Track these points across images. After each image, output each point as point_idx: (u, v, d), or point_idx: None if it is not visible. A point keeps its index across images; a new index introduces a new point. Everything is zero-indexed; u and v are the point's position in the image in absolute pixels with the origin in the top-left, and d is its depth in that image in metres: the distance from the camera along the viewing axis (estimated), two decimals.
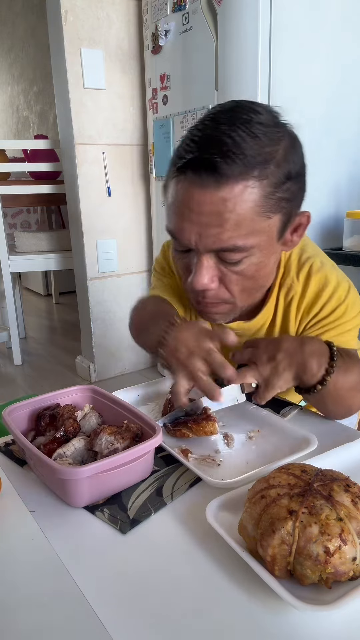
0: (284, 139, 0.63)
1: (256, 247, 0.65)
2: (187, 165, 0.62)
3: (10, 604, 0.44)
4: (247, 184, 0.60)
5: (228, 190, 0.60)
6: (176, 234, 0.67)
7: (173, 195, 0.66)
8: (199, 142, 0.61)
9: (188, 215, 0.63)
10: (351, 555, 0.42)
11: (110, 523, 0.53)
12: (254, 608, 0.42)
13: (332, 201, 1.78)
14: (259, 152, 0.60)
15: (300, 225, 0.71)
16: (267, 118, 0.62)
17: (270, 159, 0.61)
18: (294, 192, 0.65)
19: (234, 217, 0.61)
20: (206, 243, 0.64)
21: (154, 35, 1.98)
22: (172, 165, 0.66)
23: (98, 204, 2.29)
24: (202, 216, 0.62)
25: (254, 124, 0.60)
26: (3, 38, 4.61)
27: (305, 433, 0.66)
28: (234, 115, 0.61)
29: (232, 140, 0.59)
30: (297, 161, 0.65)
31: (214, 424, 0.66)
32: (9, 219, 4.01)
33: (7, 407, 0.66)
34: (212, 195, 0.61)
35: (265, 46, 1.50)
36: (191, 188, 0.62)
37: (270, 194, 0.62)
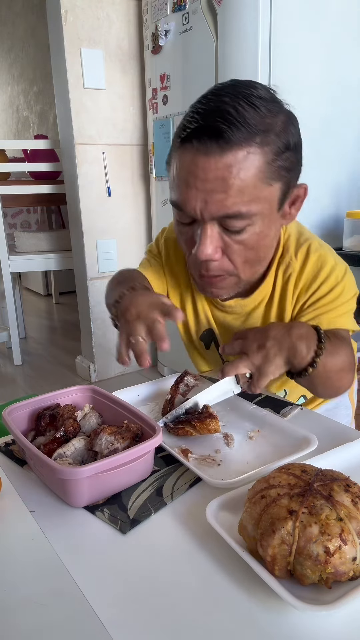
0: (281, 112, 0.66)
1: (258, 215, 0.67)
2: (192, 135, 0.64)
3: (10, 604, 0.44)
4: (249, 150, 0.63)
5: (232, 156, 0.62)
6: (181, 204, 0.68)
7: (178, 166, 0.67)
8: (202, 113, 0.63)
9: (193, 182, 0.65)
10: (351, 555, 0.42)
11: (110, 523, 0.53)
12: (254, 608, 0.42)
13: (332, 201, 1.78)
14: (260, 121, 0.63)
15: (298, 198, 0.73)
16: (265, 93, 0.66)
17: (270, 128, 0.64)
18: (292, 162, 0.68)
19: (237, 182, 0.63)
20: (211, 210, 0.66)
21: (154, 35, 1.98)
22: (176, 137, 0.68)
23: (98, 204, 2.29)
24: (207, 183, 0.64)
25: (255, 98, 0.63)
26: (3, 38, 4.61)
27: (305, 433, 0.66)
28: (236, 90, 0.64)
29: (235, 110, 0.62)
30: (295, 133, 0.68)
31: (217, 422, 0.67)
32: (9, 219, 4.01)
33: (7, 407, 0.66)
34: (216, 162, 0.63)
35: (265, 46, 1.50)
36: (196, 156, 0.64)
37: (272, 161, 0.65)
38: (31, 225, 4.17)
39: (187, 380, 0.77)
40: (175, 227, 0.75)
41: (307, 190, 0.73)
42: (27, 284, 4.69)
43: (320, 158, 1.69)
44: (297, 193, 0.73)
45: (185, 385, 0.77)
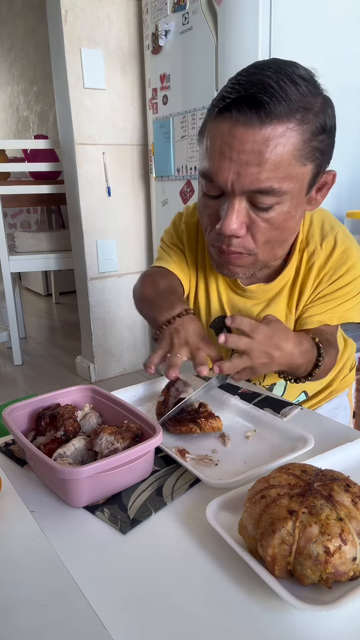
0: (320, 94, 0.66)
1: (288, 194, 0.67)
2: (232, 104, 0.62)
3: (10, 604, 0.44)
4: (289, 126, 0.62)
5: (271, 130, 0.62)
6: (213, 175, 0.67)
7: (213, 134, 0.66)
8: (244, 85, 0.62)
9: (229, 153, 0.64)
10: (351, 555, 0.42)
11: (110, 523, 0.53)
12: (254, 608, 0.42)
13: (332, 201, 1.78)
14: (301, 99, 0.62)
15: (325, 185, 0.73)
16: (306, 74, 0.65)
17: (310, 107, 0.63)
18: (326, 145, 0.68)
19: (273, 157, 0.63)
20: (243, 183, 0.65)
21: (154, 35, 1.98)
22: (213, 107, 0.66)
23: (98, 204, 2.29)
24: (242, 154, 0.63)
25: (296, 76, 0.63)
26: (3, 38, 4.61)
27: (302, 432, 0.66)
28: (278, 66, 0.63)
29: (278, 84, 0.61)
30: (332, 116, 0.67)
31: (220, 420, 0.68)
32: (9, 219, 4.01)
33: (7, 407, 0.66)
34: (254, 134, 0.62)
35: (265, 46, 1.50)
36: (234, 126, 0.63)
37: (309, 140, 0.64)
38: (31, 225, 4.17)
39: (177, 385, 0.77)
40: (200, 201, 0.74)
41: (335, 177, 0.73)
42: (27, 284, 4.69)
43: None
44: (325, 179, 0.72)
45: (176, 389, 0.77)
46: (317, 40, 1.60)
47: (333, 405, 1.00)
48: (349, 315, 0.82)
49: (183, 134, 1.92)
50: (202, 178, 0.70)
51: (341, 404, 1.02)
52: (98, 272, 2.37)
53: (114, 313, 2.47)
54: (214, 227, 0.71)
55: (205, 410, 0.70)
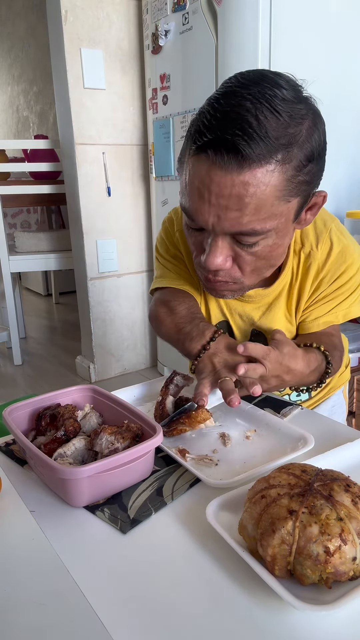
0: (307, 117, 0.61)
1: (273, 230, 0.65)
2: (209, 145, 0.59)
3: (10, 604, 0.44)
4: (269, 168, 0.59)
5: (250, 174, 0.58)
6: (193, 215, 0.65)
7: (191, 174, 0.63)
8: (221, 120, 0.58)
9: (207, 196, 0.61)
10: (351, 555, 0.42)
11: (110, 523, 0.53)
12: (254, 608, 0.42)
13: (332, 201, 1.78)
14: (283, 133, 0.58)
15: (315, 205, 0.70)
16: (290, 94, 0.60)
17: (294, 141, 0.59)
18: (314, 174, 0.64)
19: (254, 201, 0.60)
20: (224, 226, 0.63)
21: (154, 35, 1.98)
22: (191, 141, 0.62)
23: (98, 204, 2.29)
24: (221, 199, 0.60)
25: (278, 102, 0.58)
26: (3, 38, 4.61)
27: (302, 432, 0.66)
28: (258, 91, 0.58)
29: (257, 120, 0.57)
30: (319, 140, 0.63)
31: (204, 411, 0.67)
32: (9, 219, 4.01)
33: (7, 407, 0.66)
34: (233, 179, 0.59)
35: (265, 46, 1.50)
36: (212, 169, 0.59)
37: (292, 177, 0.61)
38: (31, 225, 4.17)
39: (176, 380, 0.76)
40: (184, 229, 0.73)
41: (325, 197, 0.70)
42: (27, 284, 4.69)
43: None
44: (315, 201, 0.69)
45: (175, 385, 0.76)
46: (316, 40, 1.60)
47: (330, 404, 1.01)
48: (353, 311, 0.82)
49: (183, 134, 1.92)
50: (183, 212, 0.68)
51: (338, 401, 1.03)
52: (98, 272, 2.37)
53: (114, 313, 2.47)
54: (199, 255, 0.70)
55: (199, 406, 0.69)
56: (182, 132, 1.93)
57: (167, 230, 0.93)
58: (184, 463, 0.61)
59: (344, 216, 1.70)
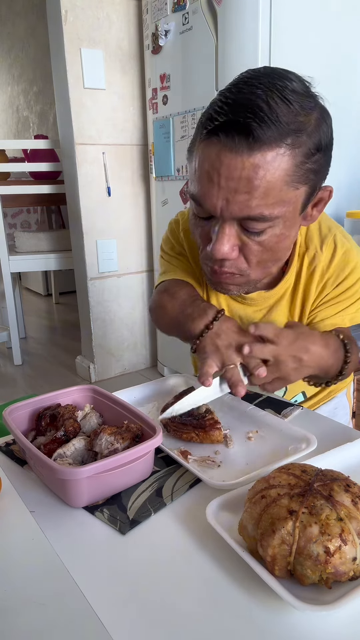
0: (315, 109, 0.62)
1: (281, 218, 0.64)
2: (220, 128, 0.59)
3: (10, 604, 0.44)
4: (279, 152, 0.59)
5: (260, 156, 0.59)
6: (201, 200, 0.65)
7: (201, 158, 0.63)
8: (232, 105, 0.59)
9: (217, 179, 0.61)
10: (351, 555, 0.42)
11: (109, 523, 0.53)
12: (254, 608, 0.42)
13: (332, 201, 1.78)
14: (293, 119, 0.59)
15: (322, 201, 0.71)
16: (300, 87, 0.61)
17: (303, 128, 0.60)
18: (321, 165, 0.65)
19: (264, 184, 0.60)
20: (232, 210, 0.63)
21: (154, 35, 1.98)
22: (202, 127, 0.63)
23: (98, 204, 2.29)
24: (231, 181, 0.60)
25: (289, 92, 0.59)
26: (3, 38, 4.61)
27: (305, 433, 0.66)
28: (269, 81, 0.59)
29: (268, 105, 0.58)
30: (328, 133, 0.64)
31: (221, 433, 0.67)
32: (9, 219, 4.01)
33: (7, 407, 0.66)
34: (243, 161, 0.59)
35: (265, 46, 1.50)
36: (222, 151, 0.60)
37: (301, 163, 0.61)
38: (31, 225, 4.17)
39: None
40: (191, 219, 0.72)
41: (332, 192, 0.70)
42: (27, 284, 4.69)
43: None
44: (321, 195, 0.70)
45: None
46: (317, 40, 1.60)
47: (332, 405, 1.00)
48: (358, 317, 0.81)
49: (183, 134, 1.92)
50: (192, 200, 0.68)
51: (340, 403, 1.02)
52: (98, 272, 2.37)
53: (114, 313, 2.47)
54: (205, 247, 0.70)
55: (211, 417, 0.69)
56: (182, 132, 1.93)
57: (173, 229, 0.94)
58: (187, 465, 0.61)
59: (344, 216, 1.70)
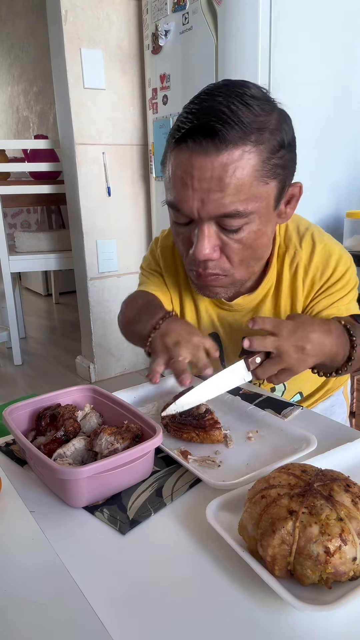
0: (274, 111, 0.67)
1: (255, 214, 0.68)
2: (187, 134, 0.64)
3: (10, 604, 0.44)
4: (245, 149, 0.63)
5: (227, 155, 0.63)
6: (178, 204, 0.68)
7: (174, 166, 0.67)
8: (197, 113, 0.64)
9: (190, 182, 0.65)
10: (351, 555, 0.42)
11: (109, 523, 0.53)
12: (254, 608, 0.42)
13: (332, 201, 1.78)
14: (254, 120, 0.63)
15: (293, 197, 0.74)
16: (258, 93, 0.66)
17: (265, 127, 0.64)
18: (287, 160, 0.68)
19: (234, 181, 0.64)
20: (208, 209, 0.66)
21: (154, 35, 1.98)
22: (171, 138, 0.68)
23: (98, 204, 2.29)
24: (203, 182, 0.64)
25: (247, 97, 0.64)
26: (3, 38, 4.61)
27: (305, 433, 0.66)
28: (228, 89, 0.64)
29: (229, 109, 0.62)
30: (289, 132, 0.68)
31: (221, 433, 0.67)
32: (9, 219, 4.01)
33: (7, 407, 0.66)
34: (212, 161, 0.63)
35: (265, 46, 1.50)
36: (192, 156, 0.64)
37: (267, 159, 0.65)
38: (31, 225, 4.17)
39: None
40: (172, 228, 0.76)
41: (302, 188, 0.74)
42: (27, 284, 4.69)
43: (320, 158, 1.69)
44: (292, 192, 0.73)
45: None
46: (317, 40, 1.60)
47: (329, 403, 1.00)
48: (353, 307, 0.83)
49: None
50: (170, 207, 0.72)
51: (337, 401, 1.03)
52: (98, 272, 2.37)
53: (114, 313, 2.47)
54: (188, 252, 0.73)
55: (210, 417, 0.69)
56: None
57: (152, 248, 1.00)
58: (187, 465, 0.61)
59: (344, 216, 1.70)
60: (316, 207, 1.74)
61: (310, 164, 1.66)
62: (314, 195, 1.73)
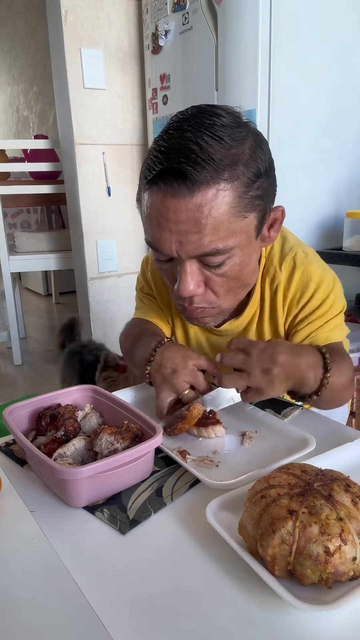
0: (248, 138, 0.63)
1: (237, 247, 0.66)
2: (158, 177, 0.62)
3: (11, 603, 0.44)
4: (219, 187, 0.61)
5: (201, 196, 0.60)
6: (157, 245, 0.67)
7: (148, 207, 0.66)
8: (165, 153, 0.61)
9: (166, 225, 0.63)
10: (351, 555, 0.42)
11: (109, 523, 0.53)
12: (254, 608, 0.42)
13: (332, 201, 1.78)
14: (226, 154, 0.60)
15: (276, 221, 0.72)
16: (229, 120, 0.62)
17: (238, 160, 0.61)
18: (265, 189, 0.66)
19: (211, 221, 0.62)
20: (187, 250, 0.64)
21: (154, 35, 1.98)
22: (143, 177, 0.66)
23: (98, 204, 2.29)
24: (179, 224, 0.62)
25: (218, 128, 0.61)
26: (3, 38, 4.61)
27: (304, 433, 0.66)
28: (197, 122, 0.61)
29: (199, 146, 0.59)
30: (265, 158, 0.65)
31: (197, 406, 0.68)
32: (9, 219, 4.01)
33: (7, 407, 0.66)
34: (186, 203, 0.61)
35: (265, 46, 1.50)
36: (165, 198, 0.62)
37: (243, 193, 0.63)
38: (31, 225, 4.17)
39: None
40: (156, 263, 0.74)
41: (284, 212, 0.71)
42: (27, 284, 4.69)
43: (320, 158, 1.69)
44: (274, 217, 0.71)
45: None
46: (317, 40, 1.60)
47: None
48: (333, 336, 0.79)
49: None
50: (149, 246, 0.70)
51: None
52: (98, 272, 2.37)
53: (114, 313, 2.47)
54: (173, 287, 0.71)
55: (213, 417, 0.70)
56: None
57: (143, 269, 0.99)
58: (185, 464, 0.61)
59: (344, 216, 1.70)
60: (316, 207, 1.74)
61: (310, 164, 1.66)
62: (314, 195, 1.73)
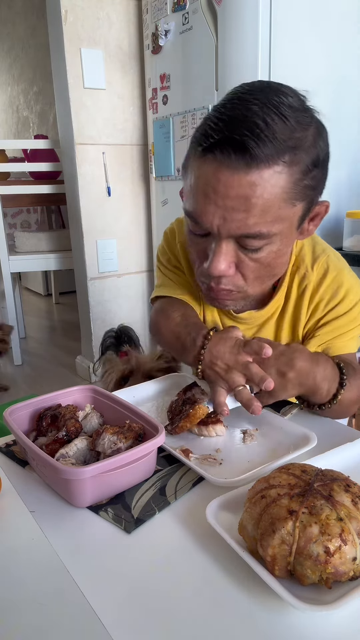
0: (312, 124, 0.61)
1: (278, 235, 0.64)
2: (216, 145, 0.58)
3: (11, 603, 0.44)
4: (277, 169, 0.58)
5: (257, 174, 0.58)
6: (197, 217, 0.64)
7: (197, 175, 0.62)
8: (228, 122, 0.58)
9: (214, 197, 0.60)
10: (351, 555, 0.42)
11: (114, 523, 0.53)
12: (254, 608, 0.42)
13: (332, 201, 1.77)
14: (290, 136, 0.58)
15: (318, 215, 0.70)
16: (296, 102, 0.60)
17: (300, 145, 0.59)
18: (318, 180, 0.64)
19: (261, 202, 0.59)
20: (230, 228, 0.62)
21: (154, 35, 1.98)
22: (197, 144, 0.62)
23: (98, 204, 2.29)
24: (227, 200, 0.60)
25: (285, 108, 0.58)
26: (3, 38, 4.61)
27: (305, 430, 0.66)
28: (265, 97, 0.58)
29: (264, 122, 0.56)
30: (324, 148, 0.63)
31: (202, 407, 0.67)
32: (9, 219, 4.01)
33: (8, 408, 0.66)
34: (240, 179, 0.58)
35: (265, 46, 1.50)
36: (219, 169, 0.59)
37: (299, 180, 0.60)
38: (31, 225, 4.17)
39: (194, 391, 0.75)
40: (187, 236, 0.71)
41: (328, 207, 0.69)
42: (27, 284, 4.69)
43: None
44: (318, 210, 0.69)
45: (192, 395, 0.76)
46: (317, 40, 1.60)
47: None
48: (349, 346, 0.78)
49: (183, 134, 1.92)
50: (187, 217, 0.67)
51: None
52: (98, 272, 2.37)
53: (114, 313, 2.47)
54: (202, 263, 0.69)
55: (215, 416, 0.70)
56: (182, 132, 1.93)
57: (169, 240, 0.92)
58: (188, 463, 0.61)
59: (344, 216, 1.70)
60: None
61: None
62: None
